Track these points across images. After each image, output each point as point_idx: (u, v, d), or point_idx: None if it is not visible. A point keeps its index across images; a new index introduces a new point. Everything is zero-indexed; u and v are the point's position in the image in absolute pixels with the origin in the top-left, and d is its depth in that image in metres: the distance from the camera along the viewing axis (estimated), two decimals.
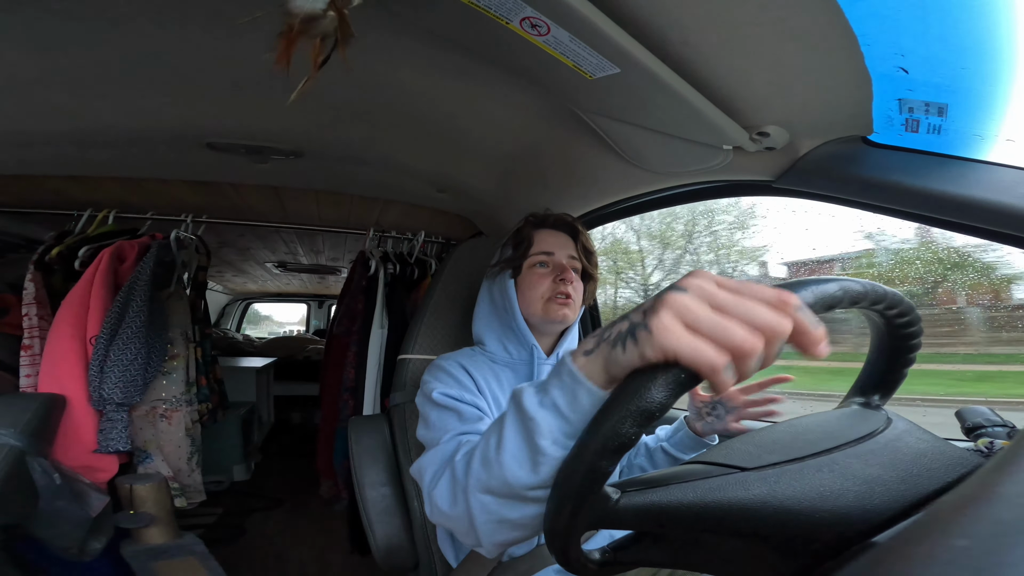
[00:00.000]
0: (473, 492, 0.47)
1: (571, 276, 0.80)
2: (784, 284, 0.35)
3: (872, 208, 0.60)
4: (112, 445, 1.13)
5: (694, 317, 0.29)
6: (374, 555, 0.85)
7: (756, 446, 0.39)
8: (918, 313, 0.42)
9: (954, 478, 0.34)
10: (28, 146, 1.03)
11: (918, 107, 0.46)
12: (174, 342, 1.35)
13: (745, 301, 0.29)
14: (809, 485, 0.34)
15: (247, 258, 2.74)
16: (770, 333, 0.28)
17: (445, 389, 0.71)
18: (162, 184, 1.35)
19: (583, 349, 0.37)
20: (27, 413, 1.00)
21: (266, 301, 4.91)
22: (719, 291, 0.29)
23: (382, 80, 0.79)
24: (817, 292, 0.35)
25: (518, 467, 0.41)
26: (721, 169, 0.76)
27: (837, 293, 0.36)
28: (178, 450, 1.31)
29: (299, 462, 2.78)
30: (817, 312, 0.35)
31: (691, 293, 0.29)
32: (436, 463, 0.60)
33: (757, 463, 0.36)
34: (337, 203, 1.59)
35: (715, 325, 0.28)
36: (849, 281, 0.37)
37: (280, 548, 1.85)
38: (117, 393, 1.13)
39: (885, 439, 0.38)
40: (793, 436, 0.40)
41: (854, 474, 0.34)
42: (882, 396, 0.47)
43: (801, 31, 0.47)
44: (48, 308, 1.21)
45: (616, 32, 0.49)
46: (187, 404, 1.34)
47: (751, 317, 0.28)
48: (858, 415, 0.43)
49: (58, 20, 0.63)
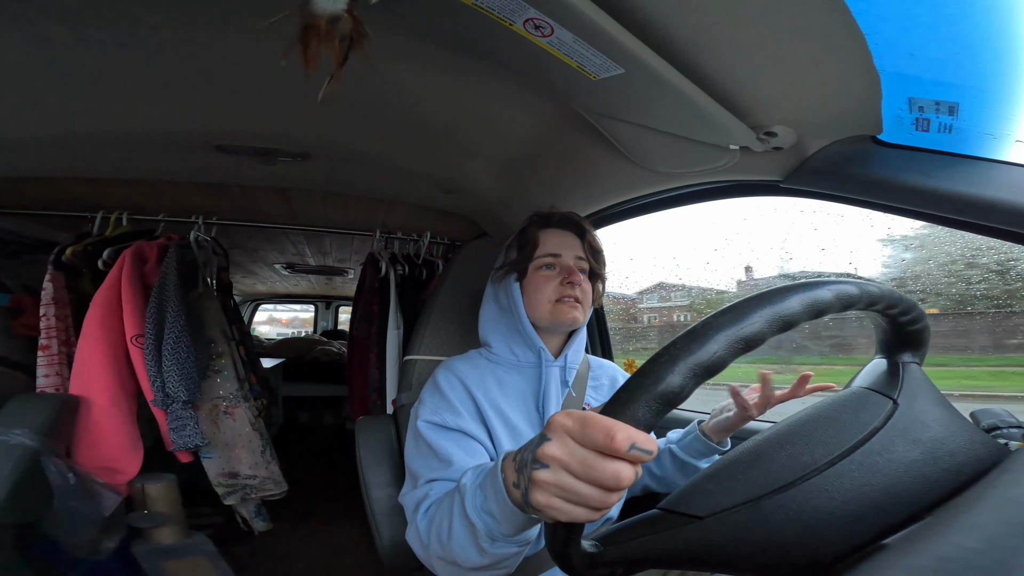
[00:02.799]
0: (434, 556, 0.57)
1: (579, 278, 0.78)
2: (773, 290, 0.35)
3: (882, 208, 0.60)
4: (188, 442, 1.16)
5: (554, 488, 0.36)
6: (380, 555, 0.85)
7: (717, 483, 0.38)
8: (921, 309, 0.41)
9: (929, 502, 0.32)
10: (42, 148, 1.05)
11: (928, 106, 0.45)
12: (216, 341, 1.38)
13: (589, 461, 0.34)
14: (763, 528, 0.34)
15: (256, 259, 2.77)
16: (614, 487, 0.34)
17: (430, 416, 0.73)
18: (173, 186, 1.37)
19: (511, 459, 0.44)
20: (42, 414, 1.01)
21: (275, 302, 4.95)
22: (570, 459, 0.35)
23: (386, 82, 0.80)
24: (806, 299, 0.34)
25: (466, 554, 0.50)
26: (728, 169, 0.75)
27: (828, 298, 0.35)
28: (249, 444, 1.34)
29: (308, 463, 2.80)
30: (809, 319, 0.34)
31: (551, 467, 0.36)
32: (410, 506, 0.68)
33: (713, 508, 0.36)
34: (343, 204, 1.60)
35: (570, 491, 0.35)
36: (843, 284, 0.36)
37: (288, 548, 1.87)
38: (183, 391, 1.15)
39: (867, 452, 0.35)
40: (757, 464, 0.37)
41: (812, 511, 0.33)
42: (914, 352, 0.42)
43: (807, 30, 0.46)
44: (66, 309, 1.23)
45: (620, 33, 0.49)
46: (244, 400, 1.37)
47: (595, 478, 0.34)
48: (857, 408, 0.39)
49: (68, 26, 0.64)
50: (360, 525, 1.81)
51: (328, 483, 2.57)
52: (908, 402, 0.38)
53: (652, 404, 0.32)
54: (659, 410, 0.32)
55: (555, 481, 0.36)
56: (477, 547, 0.49)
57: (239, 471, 1.33)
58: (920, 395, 0.39)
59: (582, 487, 0.35)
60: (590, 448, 0.34)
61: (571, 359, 0.82)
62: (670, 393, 0.32)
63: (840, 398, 0.41)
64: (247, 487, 1.35)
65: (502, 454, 0.72)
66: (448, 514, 0.53)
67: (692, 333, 0.33)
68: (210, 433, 1.30)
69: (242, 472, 1.33)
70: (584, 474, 0.34)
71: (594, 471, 0.34)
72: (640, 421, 0.32)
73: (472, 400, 0.75)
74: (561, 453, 0.36)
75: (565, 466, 0.35)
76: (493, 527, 0.47)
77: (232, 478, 1.32)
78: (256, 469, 1.34)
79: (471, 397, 0.75)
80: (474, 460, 0.68)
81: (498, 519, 0.46)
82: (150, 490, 1.16)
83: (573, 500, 0.35)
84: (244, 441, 1.33)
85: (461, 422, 0.72)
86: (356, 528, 2.00)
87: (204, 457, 1.29)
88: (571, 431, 0.35)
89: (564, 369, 0.81)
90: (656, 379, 0.32)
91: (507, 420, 0.75)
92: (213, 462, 1.31)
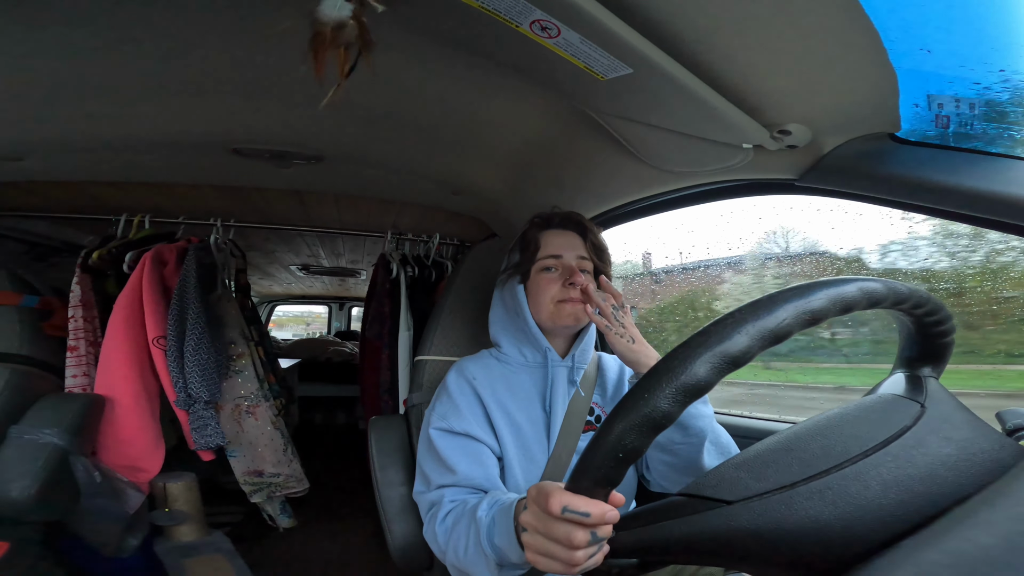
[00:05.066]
0: (450, 563, 0.64)
1: (580, 278, 0.78)
2: (799, 286, 0.34)
3: (902, 206, 0.58)
4: (210, 441, 1.19)
5: (531, 547, 0.43)
6: (391, 554, 0.86)
7: (746, 471, 0.37)
8: (948, 310, 0.40)
9: (969, 491, 0.32)
10: (69, 153, 1.09)
11: (948, 103, 0.43)
12: (235, 342, 1.40)
13: (546, 525, 0.40)
14: (795, 516, 0.33)
15: (272, 261, 2.82)
16: (569, 546, 0.39)
17: (439, 422, 0.75)
18: (192, 189, 1.40)
19: (522, 506, 0.48)
20: (70, 413, 1.05)
21: (291, 303, 5.04)
22: (537, 523, 0.42)
23: (396, 85, 0.80)
24: (832, 295, 0.34)
25: (480, 571, 0.57)
26: (741, 168, 0.74)
27: (855, 295, 0.34)
28: (272, 443, 1.37)
29: (323, 462, 2.84)
30: (834, 315, 0.34)
31: (528, 530, 0.43)
32: (423, 506, 0.74)
33: (743, 494, 0.35)
34: (356, 206, 1.62)
35: (543, 550, 0.41)
36: (868, 281, 0.35)
37: (302, 547, 1.90)
38: (205, 392, 1.18)
39: (901, 446, 0.35)
40: (788, 454, 0.37)
41: (849, 499, 0.32)
42: (934, 367, 0.43)
43: (818, 28, 0.45)
44: (93, 310, 1.27)
45: (627, 33, 0.48)
46: (265, 400, 1.40)
47: (556, 538, 0.39)
48: (885, 409, 0.39)
49: (89, 32, 0.67)
50: (373, 523, 1.83)
51: (343, 482, 2.60)
52: (934, 406, 0.38)
53: (610, 459, 0.33)
54: (621, 463, 0.33)
55: (531, 542, 0.43)
56: (490, 569, 0.56)
57: (263, 469, 1.36)
58: (944, 402, 0.39)
59: (550, 546, 0.40)
60: (545, 513, 0.40)
61: (579, 359, 0.82)
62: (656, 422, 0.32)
63: (866, 402, 0.41)
64: (272, 485, 1.38)
65: (507, 455, 0.73)
66: (465, 535, 0.60)
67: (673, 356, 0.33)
68: (233, 432, 1.33)
69: (266, 470, 1.36)
70: (548, 535, 0.40)
71: (551, 533, 0.39)
72: (600, 480, 0.34)
73: (479, 402, 0.76)
74: (530, 518, 0.43)
75: (535, 529, 0.42)
76: (504, 557, 0.54)
77: (258, 476, 1.34)
78: (279, 467, 1.36)
79: (479, 399, 0.77)
80: (478, 466, 0.71)
81: (508, 553, 0.52)
82: (172, 489, 1.19)
83: (548, 555, 0.41)
84: (267, 439, 1.36)
85: (467, 426, 0.74)
86: (370, 526, 2.03)
87: (230, 456, 1.32)
88: (534, 499, 0.42)
89: (572, 369, 0.81)
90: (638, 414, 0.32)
91: (512, 421, 0.76)
92: (239, 461, 1.33)
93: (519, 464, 0.74)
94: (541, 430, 0.77)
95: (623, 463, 0.33)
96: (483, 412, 0.76)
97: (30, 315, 1.19)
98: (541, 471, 0.75)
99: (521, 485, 0.73)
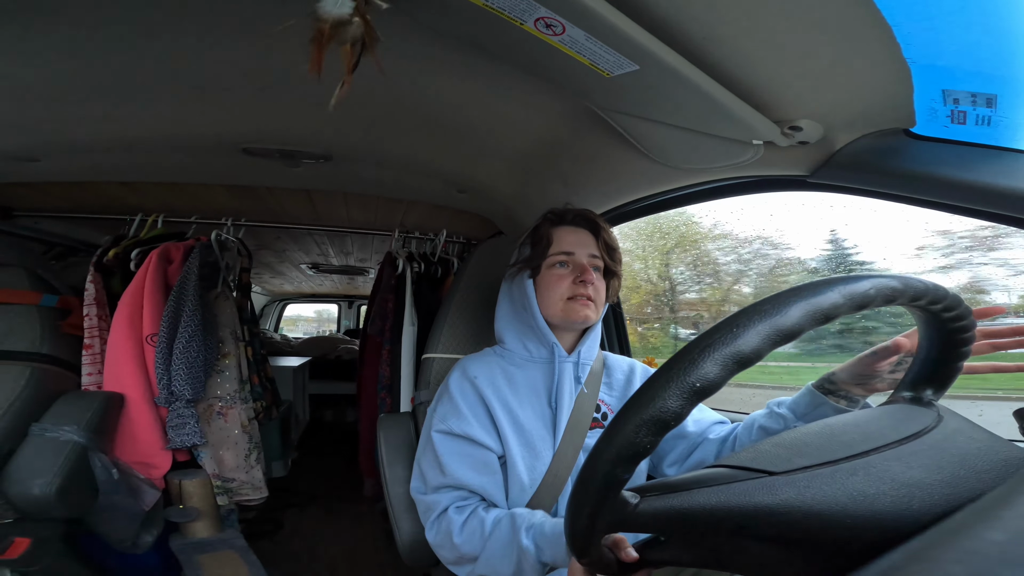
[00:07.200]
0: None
1: (591, 276, 0.78)
2: (813, 283, 0.34)
3: (917, 202, 0.57)
4: (187, 440, 1.17)
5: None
6: (399, 550, 0.87)
7: (786, 448, 0.37)
8: (967, 305, 0.39)
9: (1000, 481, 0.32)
10: (84, 153, 1.11)
11: (964, 98, 0.42)
12: (224, 341, 1.39)
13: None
14: (841, 489, 0.32)
15: (283, 260, 2.86)
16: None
17: (439, 424, 0.76)
18: (204, 189, 1.42)
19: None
20: (88, 411, 1.06)
21: (301, 301, 5.10)
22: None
23: (403, 84, 0.81)
24: (846, 292, 0.33)
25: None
26: (751, 165, 0.73)
27: (869, 291, 0.34)
28: (235, 447, 1.32)
29: (332, 460, 2.88)
30: (847, 312, 0.33)
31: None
32: (422, 506, 0.76)
33: (786, 467, 0.34)
34: (364, 205, 1.64)
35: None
36: (883, 277, 0.35)
37: (313, 543, 1.92)
38: (188, 390, 1.17)
39: (932, 439, 0.36)
40: (828, 437, 0.38)
41: (892, 477, 0.32)
42: (935, 391, 0.44)
43: (828, 22, 0.44)
44: (107, 309, 1.28)
45: (633, 29, 0.48)
46: (242, 401, 1.36)
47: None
48: (905, 413, 0.41)
49: (99, 34, 0.68)
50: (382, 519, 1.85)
51: (351, 478, 2.63)
52: (949, 415, 0.40)
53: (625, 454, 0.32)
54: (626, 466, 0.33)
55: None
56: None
57: (221, 473, 1.30)
58: (955, 416, 0.40)
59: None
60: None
61: (584, 355, 0.82)
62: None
63: (883, 408, 0.43)
64: (228, 490, 1.31)
65: (510, 452, 0.74)
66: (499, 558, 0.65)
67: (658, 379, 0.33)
68: (203, 432, 1.26)
69: (224, 475, 1.30)
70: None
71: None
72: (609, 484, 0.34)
73: (481, 401, 0.77)
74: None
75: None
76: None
77: (217, 479, 1.28)
78: (236, 472, 1.30)
79: (480, 398, 0.77)
80: (472, 471, 0.73)
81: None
82: (187, 485, 1.21)
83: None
84: (231, 443, 1.31)
85: (467, 428, 0.74)
86: (378, 522, 2.05)
87: (197, 457, 1.27)
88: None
89: (577, 365, 0.81)
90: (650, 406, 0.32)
91: (515, 418, 0.76)
92: (204, 462, 1.27)
93: (523, 460, 0.74)
94: (546, 426, 0.77)
95: (631, 461, 0.32)
96: (485, 411, 0.76)
97: (49, 314, 1.21)
98: (546, 467, 0.75)
99: (524, 481, 0.73)
